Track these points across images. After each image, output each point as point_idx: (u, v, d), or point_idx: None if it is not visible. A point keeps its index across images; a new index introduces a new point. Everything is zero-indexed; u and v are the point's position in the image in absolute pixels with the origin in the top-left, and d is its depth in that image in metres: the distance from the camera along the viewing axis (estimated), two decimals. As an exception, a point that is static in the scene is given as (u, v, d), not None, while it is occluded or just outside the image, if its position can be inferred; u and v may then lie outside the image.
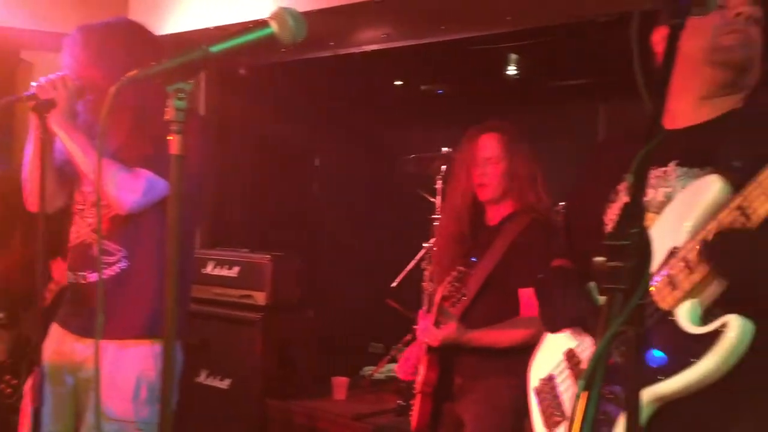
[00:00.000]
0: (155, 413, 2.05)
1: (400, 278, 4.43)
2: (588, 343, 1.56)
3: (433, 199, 4.17)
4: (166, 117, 1.24)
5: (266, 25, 1.26)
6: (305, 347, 4.07)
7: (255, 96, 4.72)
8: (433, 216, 4.08)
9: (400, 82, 5.26)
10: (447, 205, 2.87)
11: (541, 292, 1.87)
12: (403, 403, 3.61)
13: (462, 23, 3.77)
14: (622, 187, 1.54)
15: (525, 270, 2.39)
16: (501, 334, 2.45)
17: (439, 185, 4.06)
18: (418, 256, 4.33)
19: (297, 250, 4.30)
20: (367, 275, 5.05)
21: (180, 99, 1.23)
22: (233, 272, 4.04)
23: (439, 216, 3.82)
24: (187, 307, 2.29)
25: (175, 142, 1.24)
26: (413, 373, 2.72)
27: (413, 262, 4.37)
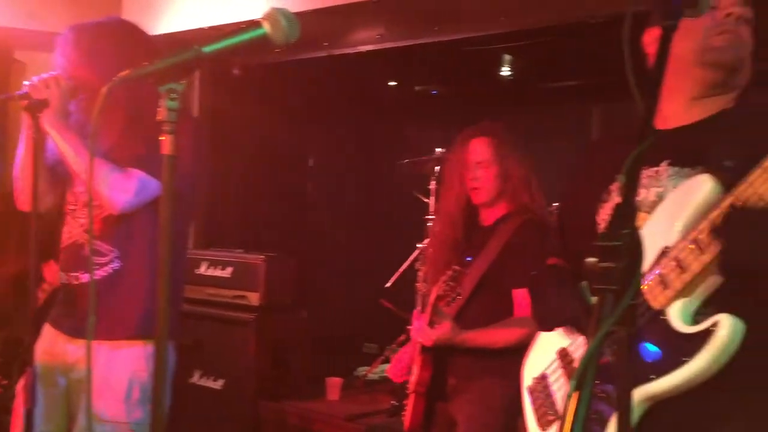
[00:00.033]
0: (148, 414, 2.04)
1: (394, 279, 4.43)
2: (581, 342, 1.57)
3: (426, 200, 4.17)
4: (158, 117, 1.24)
5: (259, 25, 1.26)
6: (299, 348, 4.07)
7: (249, 96, 4.71)
8: (427, 217, 4.08)
9: (394, 83, 5.27)
10: (441, 210, 2.87)
11: (535, 291, 1.88)
12: (397, 403, 3.61)
13: (456, 24, 3.77)
14: (615, 187, 1.54)
15: (519, 270, 2.40)
16: (495, 334, 2.45)
17: (432, 186, 4.06)
18: (412, 257, 4.33)
19: (291, 250, 4.29)
20: (360, 276, 5.05)
21: (172, 99, 1.23)
22: (227, 273, 4.04)
23: (433, 218, 3.83)
24: (180, 307, 2.29)
25: (167, 142, 1.24)
26: (405, 375, 2.72)
27: (407, 263, 4.37)
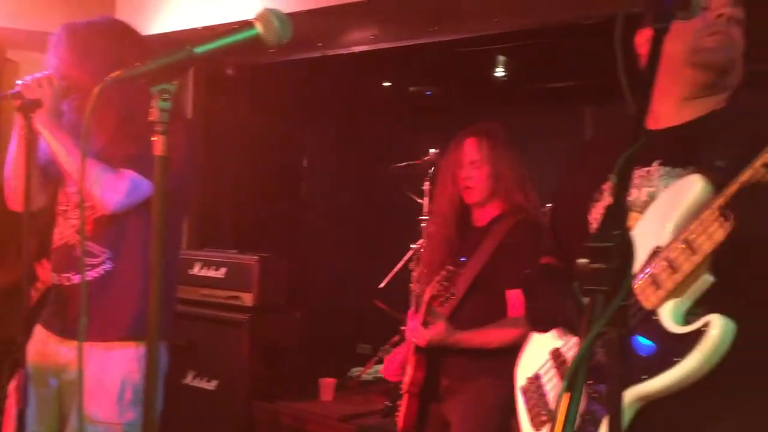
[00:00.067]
0: (140, 415, 2.04)
1: (388, 279, 4.43)
2: (573, 342, 1.57)
3: (420, 201, 4.17)
4: (150, 118, 1.24)
5: (251, 26, 1.26)
6: (292, 348, 4.07)
7: (243, 97, 4.71)
8: (421, 217, 4.08)
9: (388, 84, 5.27)
10: (434, 210, 2.87)
11: (528, 291, 1.88)
12: (390, 404, 3.61)
13: (450, 25, 3.77)
14: (607, 186, 1.54)
15: (513, 271, 2.39)
16: (489, 335, 2.45)
17: (426, 187, 4.07)
18: (405, 257, 4.33)
19: (285, 251, 4.29)
20: (354, 276, 5.04)
21: (164, 100, 1.23)
22: (220, 273, 4.03)
23: (427, 218, 3.83)
24: (173, 308, 2.28)
25: (159, 142, 1.24)
26: (399, 375, 2.72)
27: (401, 263, 4.37)
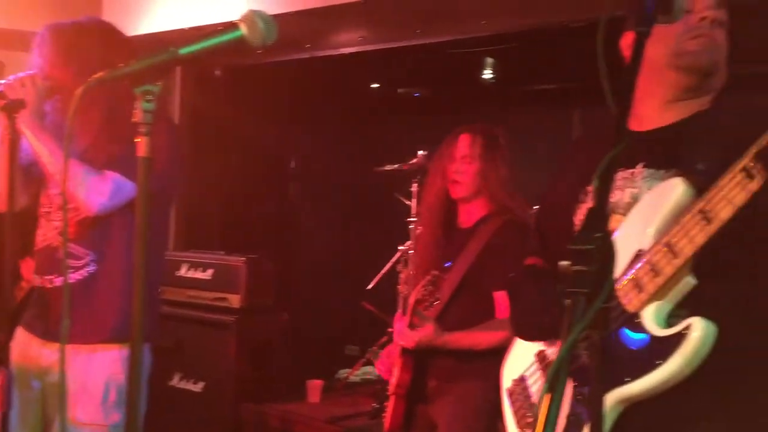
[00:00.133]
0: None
1: (376, 281, 4.43)
2: (558, 344, 1.57)
3: (408, 202, 4.17)
4: (134, 119, 1.23)
5: (236, 27, 1.26)
6: (280, 350, 4.06)
7: (231, 97, 4.70)
8: (409, 219, 4.08)
9: (376, 85, 5.27)
10: (422, 205, 2.87)
11: (513, 295, 1.88)
12: (378, 405, 3.60)
13: (438, 27, 3.78)
14: (592, 187, 1.55)
15: (499, 272, 2.39)
16: (478, 336, 2.45)
17: (414, 188, 4.07)
18: (393, 259, 4.33)
19: (272, 252, 4.28)
20: (342, 278, 5.04)
21: (148, 101, 1.23)
22: (207, 275, 4.02)
23: (415, 220, 3.83)
24: (157, 309, 2.27)
25: (142, 144, 1.23)
26: (391, 372, 2.70)
27: (389, 265, 4.37)
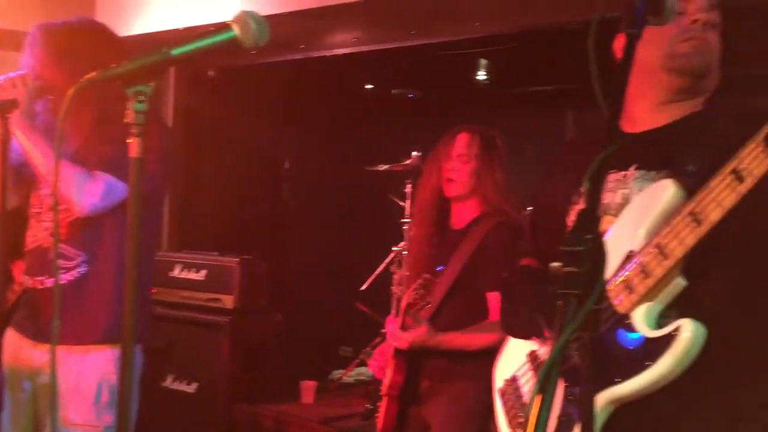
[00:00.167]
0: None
1: (370, 282, 4.43)
2: (550, 344, 1.58)
3: (402, 203, 4.18)
4: (125, 119, 1.23)
5: (228, 28, 1.26)
6: (273, 351, 4.06)
7: (224, 98, 4.69)
8: (403, 219, 4.09)
9: (370, 86, 5.27)
10: (415, 203, 2.87)
11: (506, 296, 1.88)
12: (371, 406, 3.60)
13: (432, 28, 3.78)
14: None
15: (492, 273, 2.40)
16: (471, 337, 2.44)
17: (408, 189, 4.07)
18: (387, 260, 4.34)
19: (266, 253, 4.28)
20: (336, 278, 5.04)
21: (140, 101, 1.23)
22: (201, 275, 4.01)
23: (409, 219, 3.83)
24: (149, 310, 2.27)
25: (134, 145, 1.23)
26: (384, 371, 2.69)
27: (382, 266, 4.38)
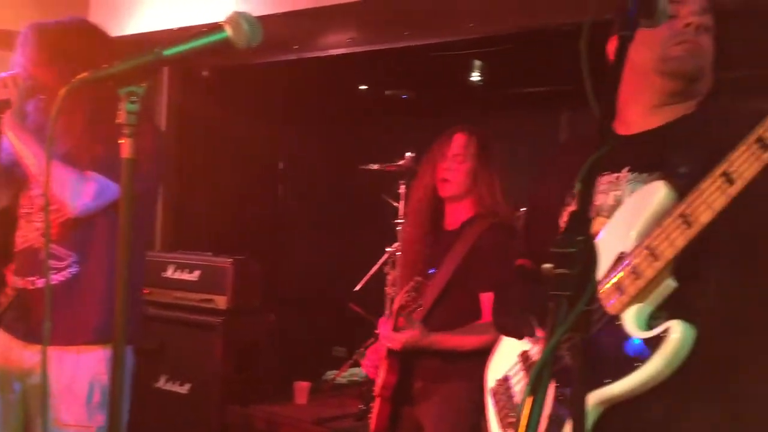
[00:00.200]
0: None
1: (363, 282, 4.43)
2: (542, 344, 1.58)
3: (396, 204, 4.18)
4: (118, 120, 1.23)
5: (221, 29, 1.26)
6: (266, 351, 4.05)
7: (218, 98, 4.68)
8: (397, 220, 4.09)
9: (364, 87, 5.27)
10: (409, 203, 2.86)
11: (499, 297, 1.89)
12: (365, 407, 3.59)
13: (426, 29, 3.79)
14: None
15: (485, 274, 2.40)
16: (464, 337, 2.44)
17: (402, 190, 4.08)
18: (381, 261, 4.34)
19: (260, 253, 4.27)
20: (329, 279, 5.04)
21: (132, 102, 1.22)
22: (194, 276, 4.00)
23: (402, 220, 3.84)
24: (140, 310, 2.27)
25: (126, 145, 1.23)
26: (376, 370, 2.69)
27: (376, 267, 4.38)
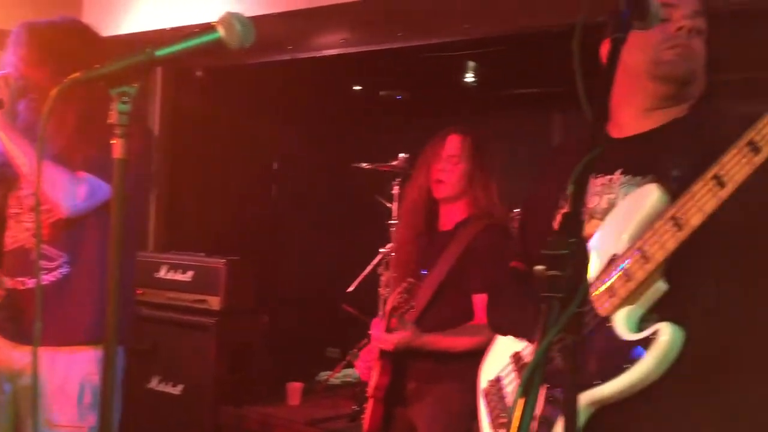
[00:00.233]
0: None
1: (357, 283, 4.43)
2: (534, 346, 1.58)
3: (390, 205, 4.18)
4: (109, 120, 1.23)
5: (213, 29, 1.26)
6: (260, 352, 4.04)
7: (212, 98, 4.68)
8: (390, 221, 4.09)
9: (358, 87, 5.27)
10: (403, 204, 2.86)
11: (493, 297, 1.89)
12: (358, 408, 3.60)
13: (420, 30, 3.79)
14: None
15: (479, 275, 2.40)
16: (456, 338, 2.44)
17: (396, 191, 4.08)
18: (374, 261, 4.33)
19: (253, 254, 4.27)
20: (323, 280, 5.04)
21: (124, 102, 1.22)
22: (187, 276, 3.99)
23: (396, 221, 3.83)
24: (132, 311, 2.26)
25: (118, 146, 1.23)
26: (369, 372, 2.69)
27: (369, 267, 4.37)
